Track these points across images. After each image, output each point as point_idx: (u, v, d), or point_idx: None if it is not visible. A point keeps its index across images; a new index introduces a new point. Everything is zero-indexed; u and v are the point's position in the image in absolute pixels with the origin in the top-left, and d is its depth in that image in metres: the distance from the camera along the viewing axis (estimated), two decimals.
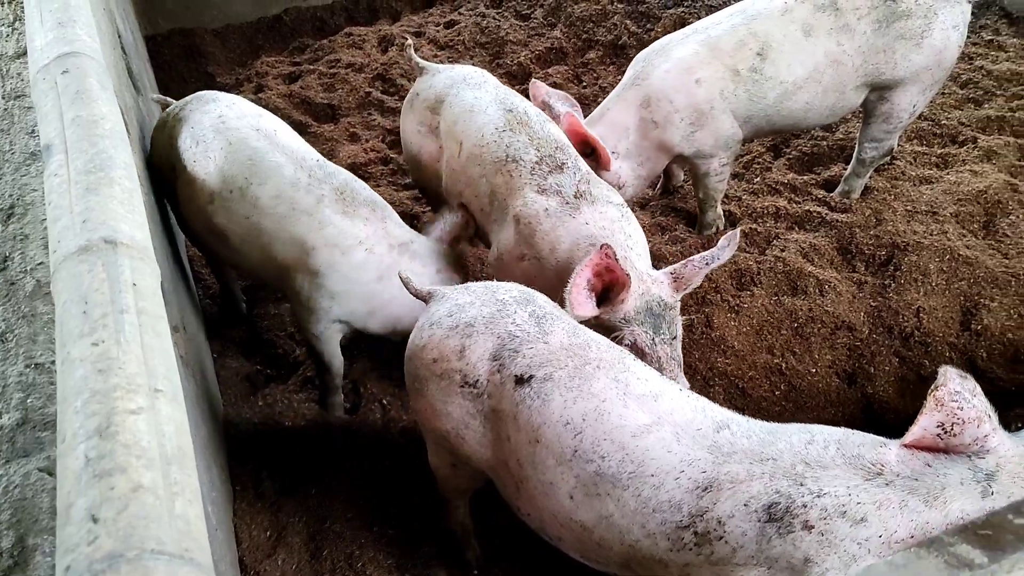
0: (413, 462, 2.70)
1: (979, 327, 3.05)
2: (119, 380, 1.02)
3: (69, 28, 1.75)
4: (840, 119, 3.63)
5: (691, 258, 2.34)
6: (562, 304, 2.18)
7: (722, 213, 3.52)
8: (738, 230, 2.38)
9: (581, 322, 2.11)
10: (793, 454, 1.64)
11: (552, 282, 2.40)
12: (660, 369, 2.26)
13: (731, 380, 2.97)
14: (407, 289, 2.26)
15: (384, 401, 2.93)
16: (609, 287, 2.25)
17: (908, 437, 1.59)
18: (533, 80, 3.24)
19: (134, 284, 1.15)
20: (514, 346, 1.92)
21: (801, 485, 1.58)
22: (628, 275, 2.19)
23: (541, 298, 2.10)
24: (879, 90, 3.19)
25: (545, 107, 3.09)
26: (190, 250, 3.48)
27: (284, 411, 2.91)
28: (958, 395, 1.54)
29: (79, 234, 1.23)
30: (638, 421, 1.76)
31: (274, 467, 2.75)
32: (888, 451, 1.61)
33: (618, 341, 2.21)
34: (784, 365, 3.01)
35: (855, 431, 1.70)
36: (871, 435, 1.68)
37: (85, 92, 1.53)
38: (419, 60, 3.10)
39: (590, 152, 2.92)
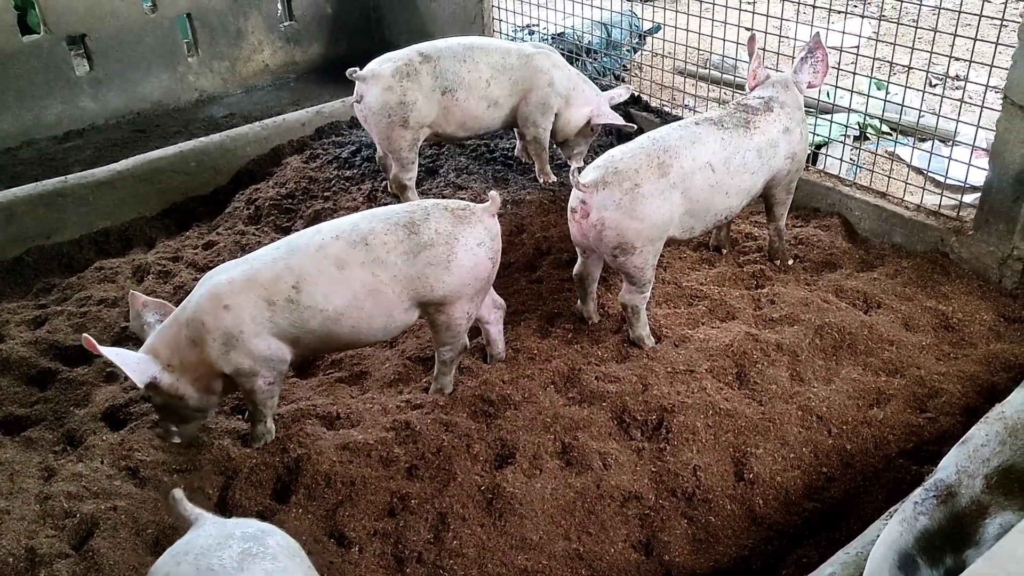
0: None
1: (751, 475, 3.22)
2: None
3: None
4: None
5: None
6: None
7: (273, 428, 3.48)
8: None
9: None
10: None
11: None
12: None
13: None
14: (175, 510, 2.20)
15: None
16: None
17: None
18: (132, 292, 3.41)
19: None
20: None
21: None
22: None
23: (273, 540, 2.06)
24: (434, 305, 3.44)
25: (137, 316, 3.35)
26: None
27: None
28: None
29: None
30: None
31: None
32: None
33: None
34: (582, 548, 2.99)
35: None
36: None
37: None
38: None
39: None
